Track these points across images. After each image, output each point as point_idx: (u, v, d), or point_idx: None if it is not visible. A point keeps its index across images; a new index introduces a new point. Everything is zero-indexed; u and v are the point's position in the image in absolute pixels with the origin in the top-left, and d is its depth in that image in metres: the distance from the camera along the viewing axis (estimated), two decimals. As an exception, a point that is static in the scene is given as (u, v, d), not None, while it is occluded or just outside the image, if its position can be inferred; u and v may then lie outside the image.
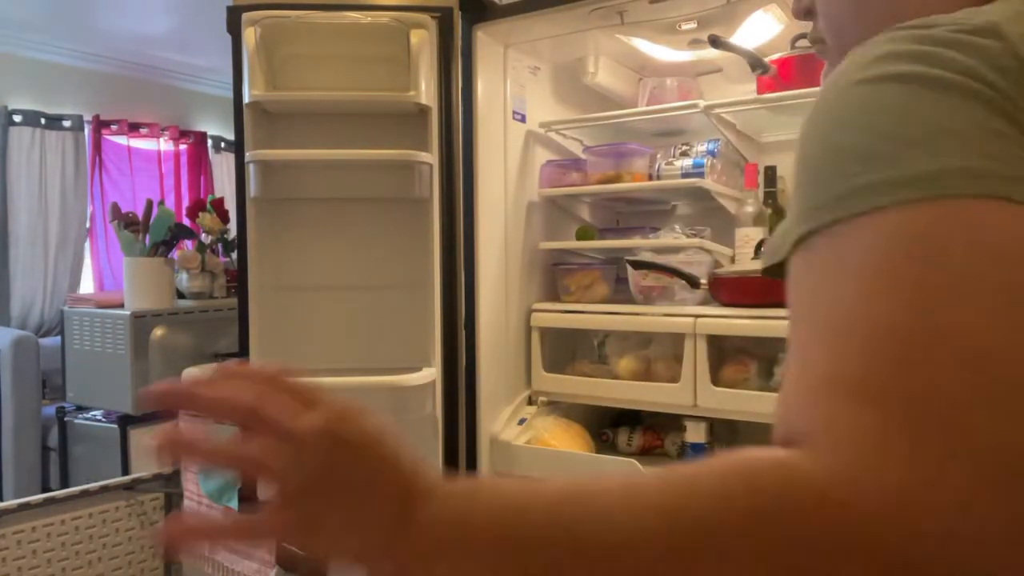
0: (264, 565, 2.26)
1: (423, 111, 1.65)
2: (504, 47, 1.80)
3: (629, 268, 1.68)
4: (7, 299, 3.95)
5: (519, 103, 1.85)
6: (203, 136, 4.78)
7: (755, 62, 1.62)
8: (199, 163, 4.79)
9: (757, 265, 1.54)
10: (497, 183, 1.77)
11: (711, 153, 1.71)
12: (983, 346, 0.34)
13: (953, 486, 0.32)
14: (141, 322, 2.60)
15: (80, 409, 2.85)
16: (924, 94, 0.39)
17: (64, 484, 2.84)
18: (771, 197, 1.77)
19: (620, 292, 1.81)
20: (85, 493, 2.38)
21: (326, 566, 0.46)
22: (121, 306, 2.67)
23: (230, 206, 3.05)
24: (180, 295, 2.96)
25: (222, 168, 4.88)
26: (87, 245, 4.25)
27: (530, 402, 1.80)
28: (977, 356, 0.34)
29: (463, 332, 1.71)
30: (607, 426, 1.83)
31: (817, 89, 1.58)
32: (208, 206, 2.97)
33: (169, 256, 2.78)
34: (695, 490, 0.37)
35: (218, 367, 0.47)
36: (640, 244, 1.74)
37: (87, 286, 4.26)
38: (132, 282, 2.67)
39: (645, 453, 1.75)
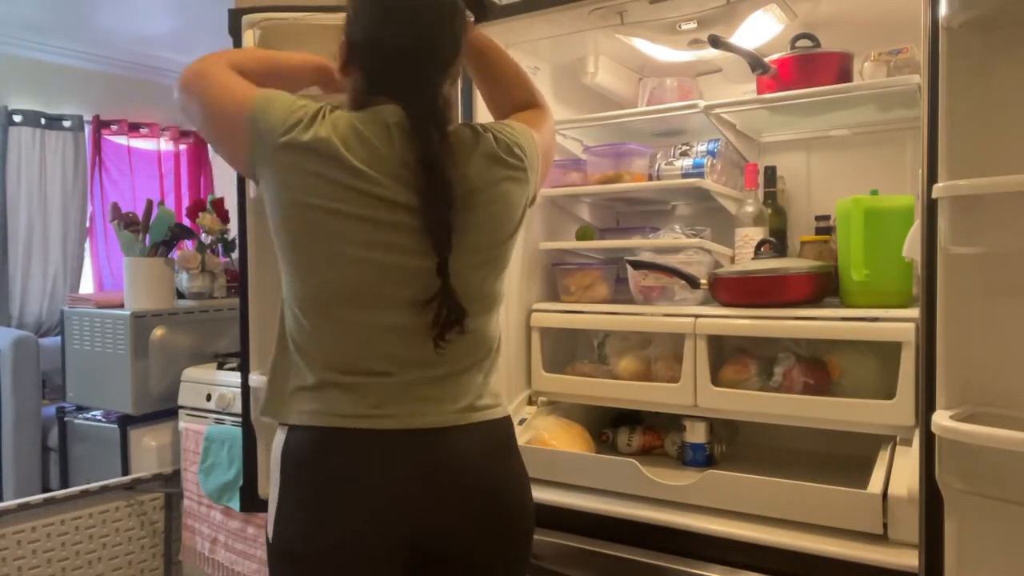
0: (264, 565, 2.26)
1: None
2: (504, 47, 1.79)
3: (629, 268, 1.68)
4: (7, 299, 3.95)
5: (519, 103, 1.84)
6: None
7: (755, 62, 1.62)
8: (199, 163, 4.79)
9: (757, 265, 1.54)
10: (497, 183, 1.76)
11: (711, 153, 1.71)
12: None
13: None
14: (141, 322, 2.60)
15: (80, 409, 2.85)
16: None
17: (64, 484, 2.84)
18: (771, 197, 1.77)
19: (620, 292, 1.81)
20: (85, 493, 2.38)
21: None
22: (121, 306, 2.66)
23: (230, 206, 3.06)
24: (180, 295, 2.95)
25: (222, 168, 4.88)
26: (87, 245, 4.25)
27: (530, 402, 1.80)
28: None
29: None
30: (607, 426, 1.83)
31: (817, 89, 1.59)
32: (208, 206, 2.97)
33: (169, 256, 2.78)
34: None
35: None
36: (640, 244, 1.74)
37: (87, 286, 4.27)
38: (132, 282, 2.67)
39: (645, 453, 1.75)
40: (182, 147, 4.71)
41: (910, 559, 1.17)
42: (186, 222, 2.93)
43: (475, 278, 1.09)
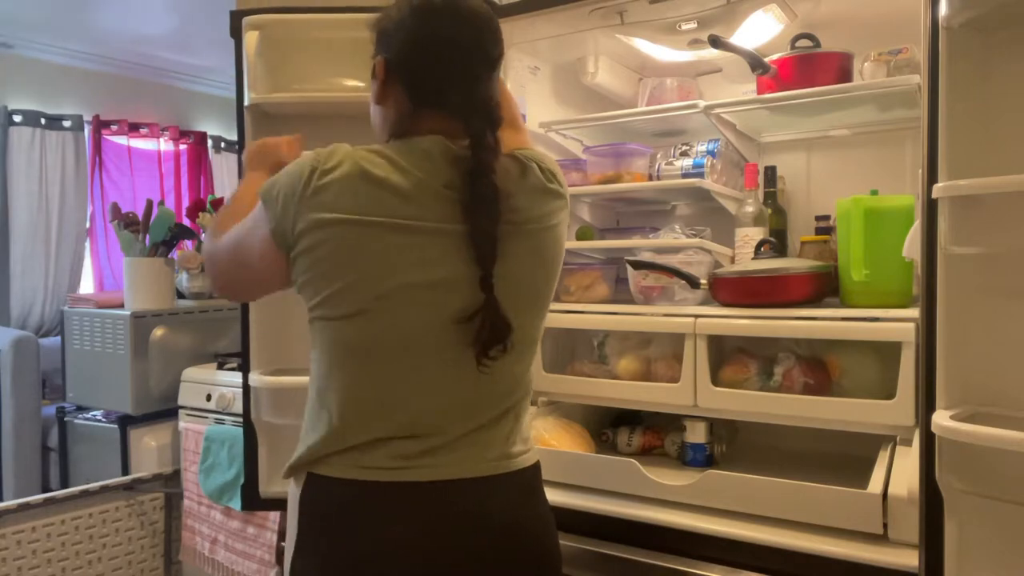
0: (264, 565, 2.26)
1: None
2: (504, 47, 1.79)
3: (629, 268, 1.68)
4: (7, 299, 3.95)
5: (519, 103, 1.84)
6: (203, 136, 4.78)
7: (755, 62, 1.62)
8: (199, 163, 4.79)
9: (757, 265, 1.54)
10: (497, 183, 1.76)
11: (711, 153, 1.71)
12: None
13: None
14: (141, 322, 2.60)
15: (80, 409, 2.85)
16: None
17: (64, 484, 2.84)
18: (771, 197, 1.77)
19: (620, 292, 1.81)
20: (85, 493, 2.38)
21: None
22: (121, 306, 2.67)
23: (230, 206, 3.05)
24: (180, 295, 2.96)
25: (222, 168, 4.89)
26: (87, 245, 4.25)
27: (531, 402, 1.80)
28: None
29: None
30: (607, 426, 1.83)
31: (817, 89, 1.58)
32: (208, 206, 2.97)
33: (169, 256, 2.78)
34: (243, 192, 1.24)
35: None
36: (640, 244, 1.74)
37: (87, 286, 4.27)
38: (132, 282, 2.67)
39: (645, 453, 1.75)
40: (182, 147, 4.71)
41: (910, 559, 1.17)
42: (186, 222, 2.93)
43: (522, 320, 1.04)
